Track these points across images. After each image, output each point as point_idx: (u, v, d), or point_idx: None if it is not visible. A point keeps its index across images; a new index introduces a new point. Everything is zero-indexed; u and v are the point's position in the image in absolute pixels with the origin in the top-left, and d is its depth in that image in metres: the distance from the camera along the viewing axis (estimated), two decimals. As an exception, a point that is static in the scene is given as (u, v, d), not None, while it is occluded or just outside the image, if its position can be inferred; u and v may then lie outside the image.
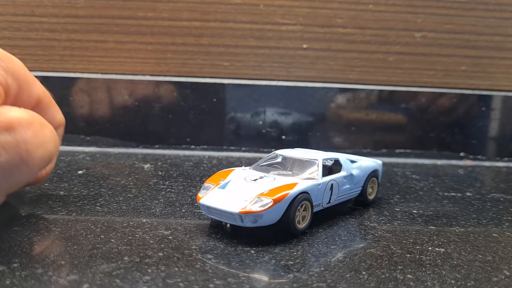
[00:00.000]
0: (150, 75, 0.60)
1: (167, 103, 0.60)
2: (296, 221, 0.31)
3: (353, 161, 0.39)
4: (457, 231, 0.35)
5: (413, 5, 0.60)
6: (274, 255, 0.28)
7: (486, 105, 0.63)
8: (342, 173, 0.37)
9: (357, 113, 0.62)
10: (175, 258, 0.27)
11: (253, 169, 0.36)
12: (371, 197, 0.41)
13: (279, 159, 0.37)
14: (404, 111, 0.62)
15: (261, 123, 0.61)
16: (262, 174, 0.34)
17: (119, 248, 0.28)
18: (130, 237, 0.30)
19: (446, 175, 0.54)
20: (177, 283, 0.24)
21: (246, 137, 0.61)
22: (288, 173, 0.35)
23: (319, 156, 0.36)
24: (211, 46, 0.59)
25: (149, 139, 0.61)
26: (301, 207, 0.32)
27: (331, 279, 0.25)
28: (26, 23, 0.58)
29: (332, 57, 0.61)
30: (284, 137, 0.62)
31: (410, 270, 0.27)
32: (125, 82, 0.59)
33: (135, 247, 0.29)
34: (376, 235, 0.33)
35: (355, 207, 0.40)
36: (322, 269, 0.27)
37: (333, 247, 0.30)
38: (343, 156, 0.39)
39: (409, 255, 0.29)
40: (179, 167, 0.52)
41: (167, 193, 0.41)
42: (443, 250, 0.31)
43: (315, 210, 0.34)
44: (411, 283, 0.25)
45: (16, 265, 0.25)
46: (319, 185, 0.33)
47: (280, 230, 0.31)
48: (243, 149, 0.61)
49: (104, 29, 0.58)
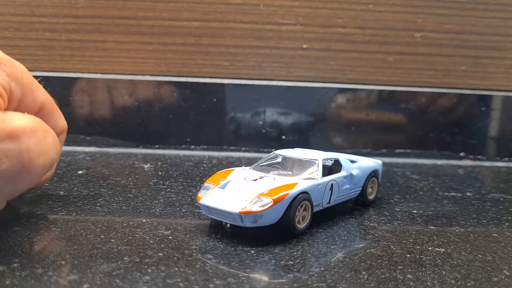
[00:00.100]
0: (150, 75, 0.60)
1: (167, 103, 0.60)
2: (296, 221, 0.31)
3: (353, 161, 0.39)
4: (457, 231, 0.35)
5: (413, 5, 0.60)
6: (274, 255, 0.28)
7: (486, 105, 0.63)
8: (342, 173, 0.37)
9: (357, 113, 0.62)
10: (175, 258, 0.27)
11: (253, 169, 0.36)
12: (371, 197, 0.41)
13: (279, 159, 0.37)
14: (404, 111, 0.62)
15: (261, 123, 0.61)
16: (262, 174, 0.34)
17: (119, 248, 0.28)
18: (130, 237, 0.30)
19: (446, 175, 0.54)
20: (177, 283, 0.24)
21: (246, 137, 0.61)
22: (288, 173, 0.35)
23: (319, 156, 0.36)
24: (211, 46, 0.59)
25: (149, 139, 0.61)
26: (301, 207, 0.32)
27: (331, 279, 0.25)
28: (26, 23, 0.58)
29: (332, 57, 0.61)
30: (284, 137, 0.62)
31: (410, 270, 0.27)
32: (125, 82, 0.59)
33: (135, 247, 0.29)
34: (376, 235, 0.33)
35: (355, 207, 0.40)
36: (322, 269, 0.27)
37: (333, 247, 0.30)
38: (343, 156, 0.39)
39: (409, 255, 0.29)
40: (179, 167, 0.52)
41: (167, 193, 0.41)
42: (443, 250, 0.31)
43: (315, 210, 0.34)
44: (411, 283, 0.25)
45: (16, 265, 0.25)
46: (319, 185, 0.33)
47: (280, 230, 0.31)
48: (243, 149, 0.61)
49: (104, 29, 0.58)
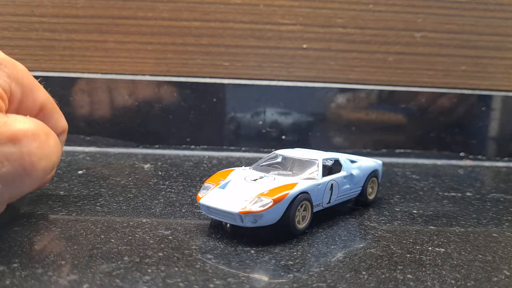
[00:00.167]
0: (150, 75, 0.60)
1: (167, 103, 0.60)
2: (296, 221, 0.31)
3: (353, 161, 0.39)
4: (457, 231, 0.35)
5: (413, 5, 0.60)
6: (274, 255, 0.28)
7: (486, 105, 0.63)
8: (342, 173, 0.37)
9: (357, 113, 0.62)
10: (175, 258, 0.27)
11: (253, 169, 0.36)
12: (371, 197, 0.41)
13: (279, 159, 0.37)
14: (404, 111, 0.62)
15: (261, 123, 0.61)
16: (262, 174, 0.34)
17: (119, 248, 0.28)
18: (130, 237, 0.30)
19: (446, 175, 0.54)
20: (177, 283, 0.24)
21: (246, 137, 0.61)
22: (288, 173, 0.35)
23: (319, 156, 0.36)
24: (211, 46, 0.59)
25: (149, 139, 0.61)
26: (301, 207, 0.32)
27: (331, 279, 0.25)
28: (26, 23, 0.58)
29: (332, 57, 0.61)
30: (284, 137, 0.62)
31: (410, 270, 0.27)
32: (125, 82, 0.59)
33: (135, 247, 0.29)
34: (376, 235, 0.33)
35: (355, 207, 0.40)
36: (322, 269, 0.27)
37: (333, 247, 0.30)
38: (343, 156, 0.39)
39: (409, 255, 0.29)
40: (179, 167, 0.52)
41: (167, 193, 0.41)
42: (443, 250, 0.31)
43: (315, 210, 0.34)
44: (411, 283, 0.25)
45: (16, 265, 0.25)
46: (319, 185, 0.33)
47: (280, 230, 0.31)
48: (243, 149, 0.61)
49: (104, 29, 0.58)
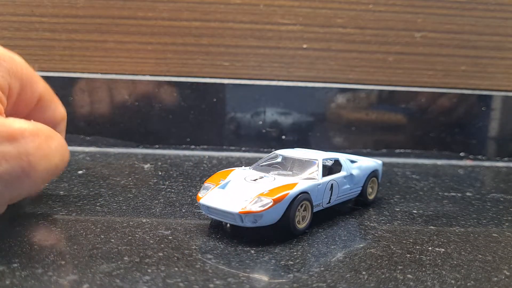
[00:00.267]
0: (150, 75, 0.60)
1: (167, 103, 0.60)
2: (296, 221, 0.31)
3: (353, 161, 0.39)
4: (457, 231, 0.35)
5: (413, 5, 0.60)
6: (274, 255, 0.28)
7: (486, 105, 0.63)
8: (342, 173, 0.37)
9: (357, 113, 0.62)
10: (175, 258, 0.27)
11: (253, 169, 0.36)
12: (371, 197, 0.41)
13: (279, 159, 0.37)
14: (404, 111, 0.62)
15: (261, 123, 0.61)
16: (262, 174, 0.34)
17: (119, 248, 0.28)
18: (130, 237, 0.30)
19: (446, 175, 0.54)
20: (177, 283, 0.24)
21: (246, 137, 0.61)
22: (288, 173, 0.35)
23: (319, 156, 0.36)
24: (211, 46, 0.59)
25: (149, 139, 0.61)
26: (301, 207, 0.32)
27: (331, 279, 0.25)
28: (26, 23, 0.58)
29: (332, 57, 0.61)
30: (284, 137, 0.62)
31: (410, 270, 0.27)
32: (125, 82, 0.59)
33: (135, 247, 0.29)
34: (376, 235, 0.33)
35: (355, 207, 0.40)
36: (322, 269, 0.27)
37: (333, 247, 0.30)
38: (343, 156, 0.39)
39: (409, 255, 0.29)
40: (179, 167, 0.52)
41: (167, 193, 0.41)
42: (443, 250, 0.31)
43: (315, 210, 0.34)
44: (411, 283, 0.25)
45: (16, 265, 0.25)
46: (319, 185, 0.33)
47: (280, 230, 0.31)
48: (243, 149, 0.61)
49: (104, 29, 0.58)
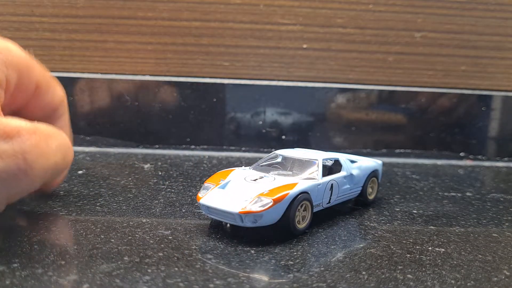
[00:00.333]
0: (150, 75, 0.60)
1: (167, 103, 0.60)
2: (296, 221, 0.31)
3: (353, 161, 0.39)
4: (457, 231, 0.35)
5: (413, 5, 0.60)
6: (274, 255, 0.28)
7: (486, 105, 0.63)
8: (342, 173, 0.37)
9: (357, 113, 0.62)
10: (175, 258, 0.27)
11: (253, 169, 0.36)
12: (371, 197, 0.41)
13: (279, 159, 0.37)
14: (404, 111, 0.62)
15: (261, 123, 0.61)
16: (262, 174, 0.34)
17: (119, 248, 0.28)
18: (130, 237, 0.30)
19: (446, 175, 0.54)
20: (177, 283, 0.24)
21: (246, 137, 0.61)
22: (288, 173, 0.35)
23: (319, 156, 0.36)
24: (211, 46, 0.59)
25: (149, 139, 0.61)
26: (301, 207, 0.32)
27: (331, 279, 0.25)
28: (26, 23, 0.58)
29: (332, 57, 0.61)
30: (284, 137, 0.62)
31: (410, 270, 0.27)
32: (125, 82, 0.59)
33: (135, 247, 0.29)
34: (376, 235, 0.33)
35: (355, 207, 0.40)
36: (322, 269, 0.27)
37: (333, 247, 0.30)
38: (343, 156, 0.39)
39: (409, 255, 0.29)
40: (179, 167, 0.52)
41: (167, 193, 0.41)
42: (443, 250, 0.31)
43: (315, 210, 0.34)
44: (411, 283, 0.25)
45: (16, 265, 0.25)
46: (319, 185, 0.33)
47: (280, 230, 0.31)
48: (243, 149, 0.61)
49: (104, 29, 0.58)
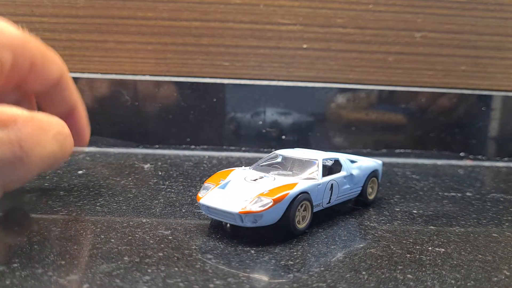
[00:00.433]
0: (150, 75, 0.60)
1: (167, 103, 0.60)
2: (296, 221, 0.31)
3: (353, 161, 0.39)
4: (457, 231, 0.35)
5: (413, 5, 0.60)
6: (274, 255, 0.28)
7: (486, 105, 0.63)
8: (342, 173, 0.37)
9: (357, 113, 0.62)
10: (175, 258, 0.27)
11: (253, 169, 0.36)
12: (371, 197, 0.41)
13: (279, 159, 0.37)
14: (404, 111, 0.62)
15: (261, 123, 0.61)
16: (262, 174, 0.34)
17: (119, 248, 0.28)
18: (130, 237, 0.30)
19: (446, 175, 0.54)
20: (177, 283, 0.24)
21: (246, 137, 0.61)
22: (288, 173, 0.35)
23: (319, 156, 0.36)
24: (211, 46, 0.59)
25: (149, 139, 0.61)
26: (301, 207, 0.32)
27: (331, 279, 0.25)
28: (26, 23, 0.57)
29: (332, 57, 0.61)
30: (284, 137, 0.62)
31: (410, 270, 0.27)
32: (125, 82, 0.59)
33: (135, 247, 0.29)
34: (376, 235, 0.33)
35: (355, 207, 0.40)
36: (322, 269, 0.27)
37: (333, 247, 0.30)
38: (343, 156, 0.39)
39: (409, 255, 0.29)
40: (179, 167, 0.52)
41: (167, 193, 0.41)
42: (443, 250, 0.31)
43: (315, 210, 0.34)
44: (411, 283, 0.25)
45: (16, 265, 0.25)
46: (319, 185, 0.33)
47: (280, 230, 0.31)
48: (243, 149, 0.61)
49: (104, 29, 0.58)
